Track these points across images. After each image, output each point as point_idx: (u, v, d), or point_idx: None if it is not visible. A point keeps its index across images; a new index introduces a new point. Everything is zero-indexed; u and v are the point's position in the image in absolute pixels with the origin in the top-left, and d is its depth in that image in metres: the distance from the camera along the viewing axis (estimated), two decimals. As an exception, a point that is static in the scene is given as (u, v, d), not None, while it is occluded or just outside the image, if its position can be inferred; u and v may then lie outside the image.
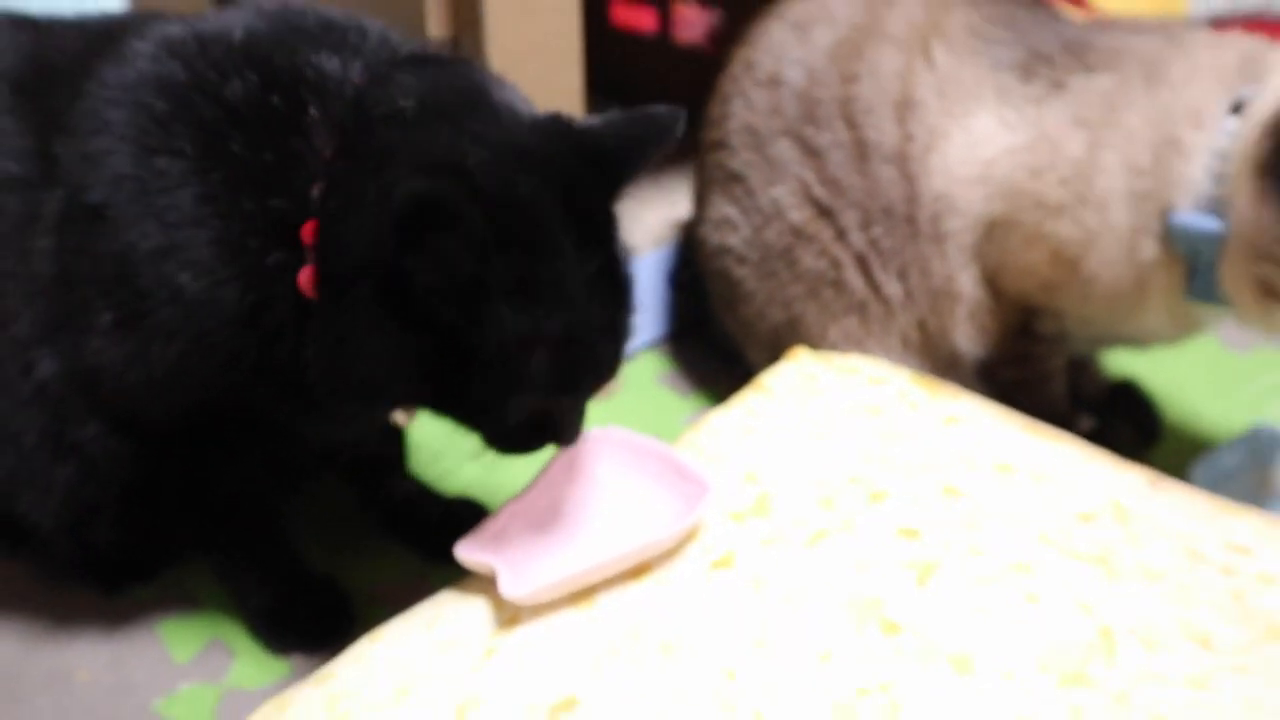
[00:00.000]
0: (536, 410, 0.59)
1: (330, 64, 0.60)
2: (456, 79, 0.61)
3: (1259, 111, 0.74)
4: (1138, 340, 0.85)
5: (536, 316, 0.55)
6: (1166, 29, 0.82)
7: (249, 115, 0.59)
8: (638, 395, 0.99)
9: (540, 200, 0.56)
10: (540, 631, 0.58)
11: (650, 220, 1.11)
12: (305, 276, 0.58)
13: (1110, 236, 0.76)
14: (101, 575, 0.77)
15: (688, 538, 0.63)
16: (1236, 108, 0.76)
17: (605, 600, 0.59)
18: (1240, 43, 0.80)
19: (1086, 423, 0.89)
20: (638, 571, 0.61)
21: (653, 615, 0.58)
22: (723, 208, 0.90)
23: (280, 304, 0.59)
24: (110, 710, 0.69)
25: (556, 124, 0.61)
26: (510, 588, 0.57)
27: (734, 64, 0.91)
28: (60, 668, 0.72)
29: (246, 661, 0.73)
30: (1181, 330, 0.82)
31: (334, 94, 0.59)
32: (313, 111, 0.59)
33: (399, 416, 0.66)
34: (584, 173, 0.59)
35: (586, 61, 1.41)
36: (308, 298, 0.58)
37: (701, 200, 0.94)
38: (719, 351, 0.99)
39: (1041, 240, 0.79)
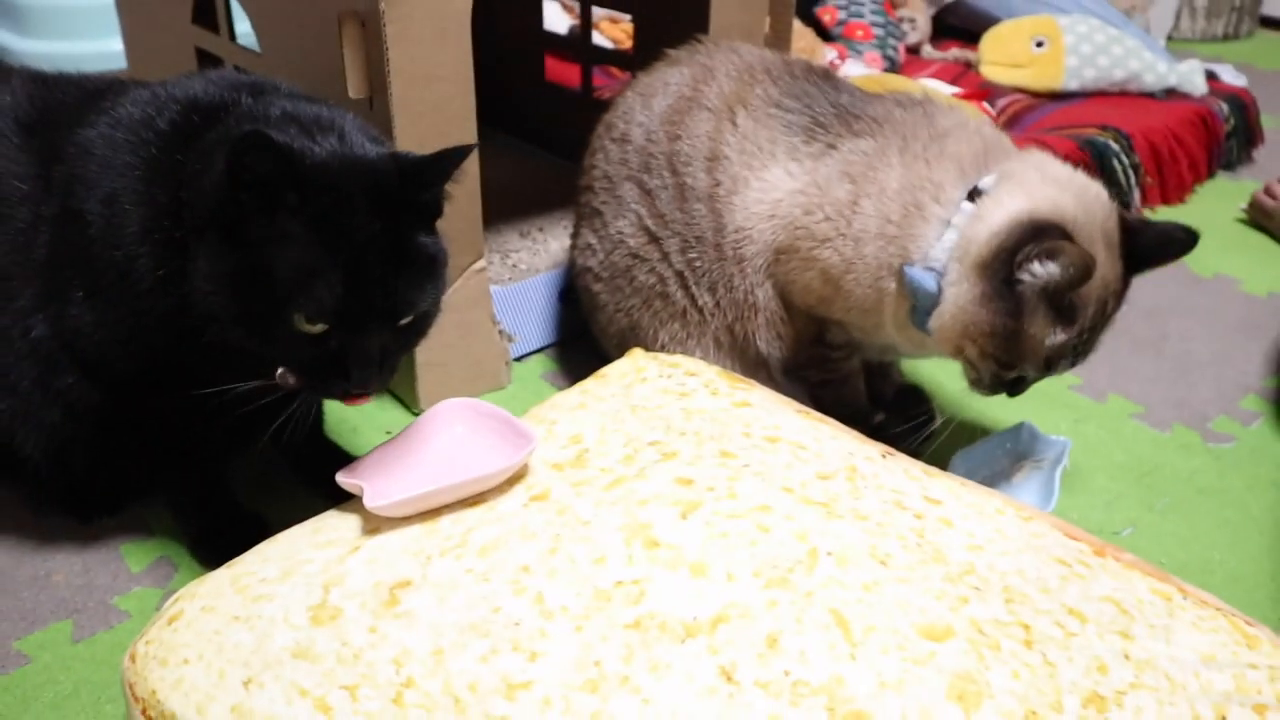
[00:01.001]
0: (327, 348, 0.75)
1: (245, 102, 0.79)
2: (319, 109, 0.80)
3: (990, 212, 0.90)
4: (895, 350, 1.05)
5: (323, 249, 0.72)
6: (925, 106, 0.99)
7: (176, 134, 0.78)
8: (525, 388, 1.18)
9: (347, 181, 0.74)
10: (394, 537, 0.77)
11: (553, 247, 1.31)
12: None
13: (862, 265, 0.95)
14: (77, 506, 0.95)
15: (516, 478, 0.81)
16: (972, 193, 0.92)
17: (446, 518, 0.78)
18: (985, 133, 0.97)
19: (878, 417, 1.09)
20: (474, 501, 0.80)
21: (479, 529, 0.77)
22: (587, 236, 1.10)
23: (183, 268, 0.76)
24: (80, 602, 0.87)
25: (391, 156, 0.79)
26: (371, 500, 0.76)
27: (600, 124, 1.12)
28: (41, 572, 0.90)
29: (186, 573, 0.91)
30: (916, 347, 1.00)
31: (233, 120, 0.78)
32: (218, 130, 0.77)
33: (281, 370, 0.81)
34: (399, 176, 0.76)
35: (521, 111, 1.62)
36: None
37: (575, 231, 1.14)
38: (596, 356, 1.17)
39: (813, 263, 0.97)
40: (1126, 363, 1.27)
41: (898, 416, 1.09)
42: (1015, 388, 0.95)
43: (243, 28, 1.19)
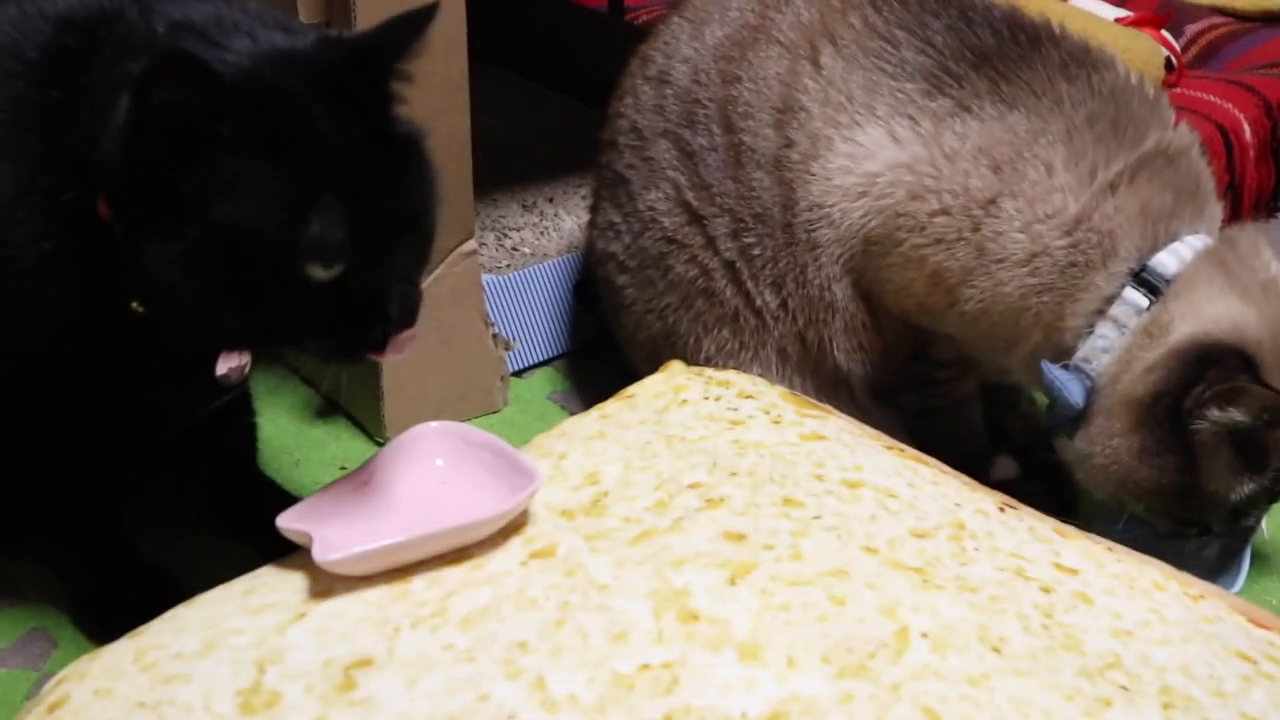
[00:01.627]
0: (349, 291, 0.79)
1: (132, 12, 0.83)
2: (214, 6, 0.83)
3: (1164, 327, 0.96)
4: (1028, 385, 1.09)
5: (297, 176, 0.77)
6: (1103, 76, 1.02)
7: (49, 62, 0.81)
8: (525, 412, 1.23)
9: (285, 85, 0.78)
10: (350, 602, 0.81)
11: (566, 224, 1.36)
12: (102, 206, 0.79)
13: (988, 283, 0.99)
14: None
15: (513, 528, 0.86)
16: (1141, 275, 0.97)
17: (419, 579, 0.83)
18: (1181, 166, 1.00)
19: (1004, 469, 1.12)
20: (458, 556, 0.85)
21: (461, 594, 0.82)
22: (609, 213, 1.14)
23: (86, 245, 0.80)
24: (-73, 688, 0.94)
25: (326, 39, 0.83)
26: (322, 553, 0.80)
27: (634, 58, 1.16)
28: (-126, 647, 0.97)
29: (69, 650, 0.96)
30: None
31: (126, 40, 0.81)
32: (106, 55, 0.81)
33: (225, 366, 0.84)
34: (344, 62, 0.81)
35: (528, 43, 1.67)
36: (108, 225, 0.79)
37: (594, 205, 1.19)
38: (620, 371, 1.21)
39: (920, 263, 1.01)
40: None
41: (1035, 480, 1.12)
42: (1201, 536, 1.01)
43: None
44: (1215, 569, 1.03)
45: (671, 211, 1.09)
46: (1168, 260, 0.98)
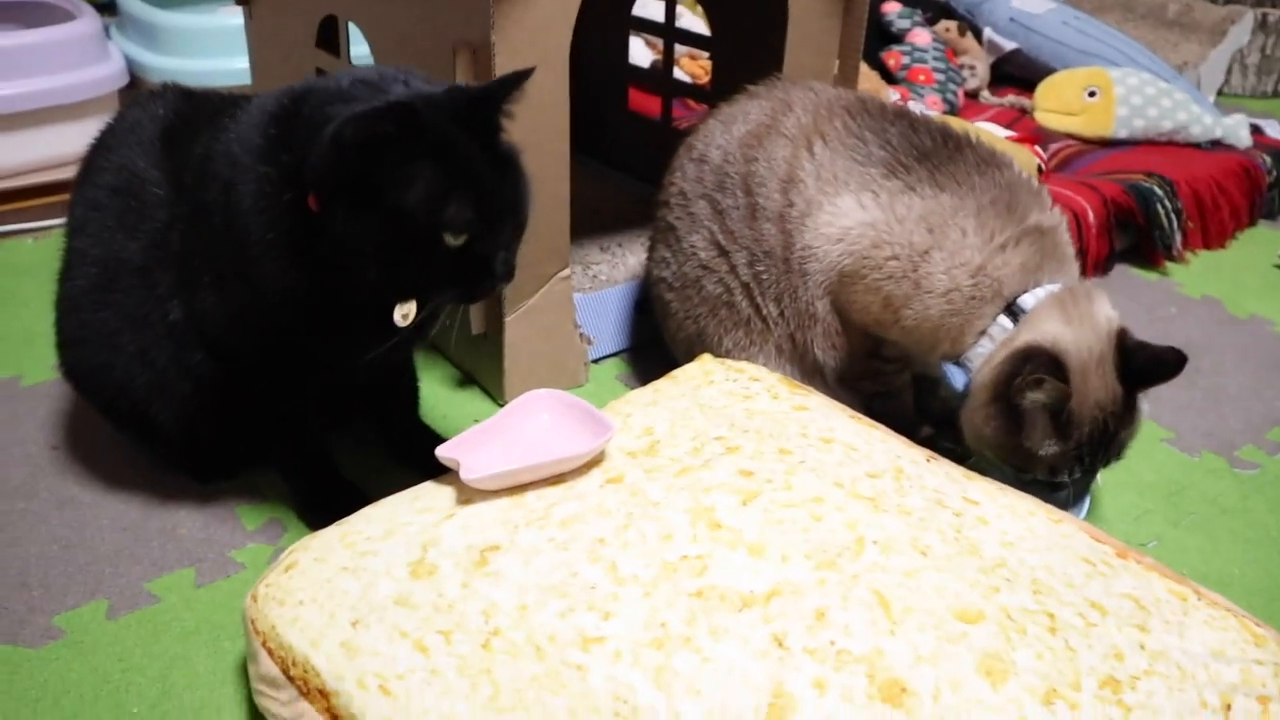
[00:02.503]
0: (470, 255, 0.80)
1: (358, 91, 0.82)
2: (379, 69, 0.85)
3: (1014, 335, 0.97)
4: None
5: (448, 176, 0.78)
6: (1002, 173, 1.02)
7: (271, 114, 0.83)
8: (599, 388, 1.23)
9: (437, 114, 0.78)
10: (485, 507, 0.82)
11: (630, 261, 1.36)
12: (312, 201, 0.79)
13: (921, 308, 0.99)
14: (199, 469, 1.02)
15: (594, 462, 0.87)
16: (1011, 308, 0.98)
17: (531, 494, 0.84)
18: (1053, 238, 1.01)
19: (926, 430, 1.13)
20: (556, 480, 0.85)
21: (560, 505, 0.82)
22: (662, 250, 1.15)
23: (299, 234, 0.80)
24: (201, 553, 0.94)
25: (460, 89, 0.84)
26: (466, 474, 0.82)
27: (680, 145, 1.17)
28: (168, 525, 0.97)
29: (294, 533, 0.97)
30: None
31: (345, 103, 0.81)
32: (330, 110, 0.80)
33: (399, 314, 0.84)
34: (470, 102, 0.81)
35: (606, 138, 1.68)
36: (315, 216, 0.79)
37: (651, 244, 1.20)
38: (666, 361, 1.21)
39: (877, 291, 1.01)
40: (1160, 392, 1.28)
41: (945, 437, 1.13)
42: (1042, 485, 0.99)
43: (358, 50, 1.27)
44: (1065, 505, 1.03)
45: (706, 248, 1.10)
46: (1029, 299, 0.99)
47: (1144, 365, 0.96)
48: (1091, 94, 1.94)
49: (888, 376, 1.09)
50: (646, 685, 0.67)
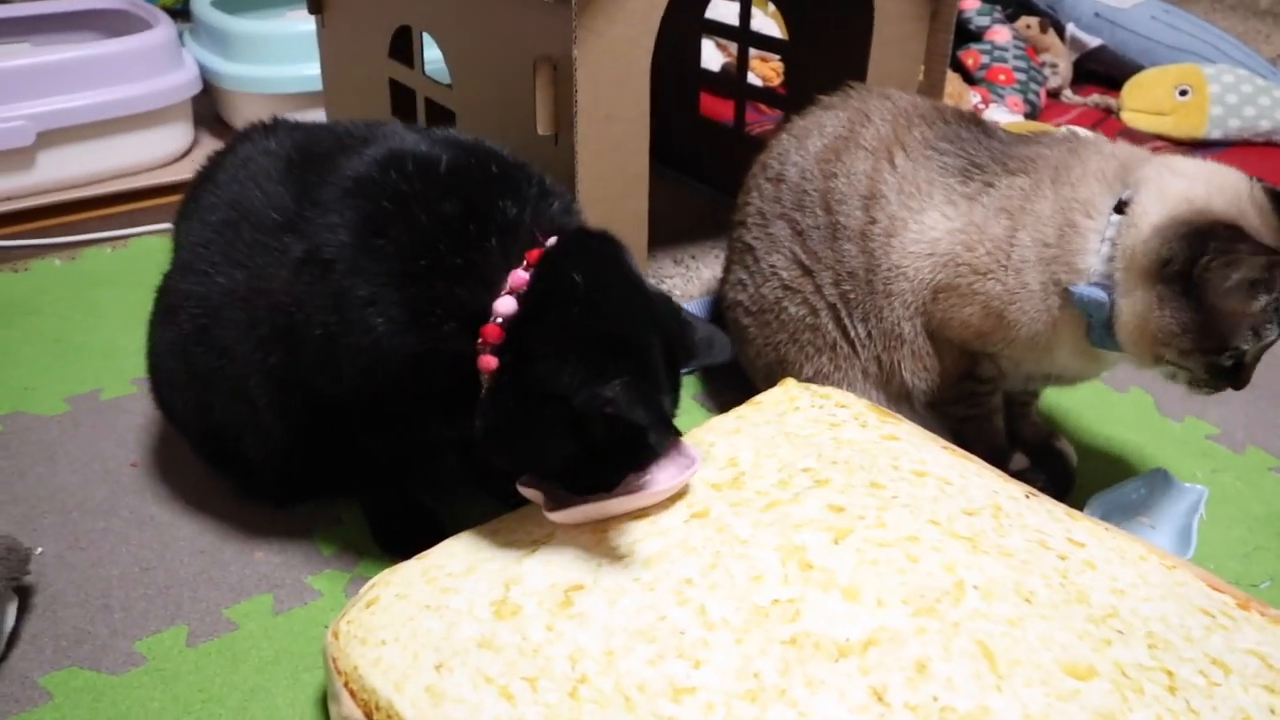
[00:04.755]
0: (616, 479, 0.81)
1: (510, 210, 0.81)
2: (606, 258, 0.83)
3: (1139, 219, 0.90)
4: (1059, 377, 1.03)
5: (657, 438, 0.78)
6: (1069, 142, 0.99)
7: (453, 230, 0.80)
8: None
9: (664, 368, 0.79)
10: (567, 544, 0.80)
11: (704, 274, 1.33)
12: (487, 363, 0.79)
13: (1025, 293, 0.94)
14: (276, 496, 1.01)
15: (678, 496, 0.84)
16: (1119, 206, 0.93)
17: (614, 530, 0.81)
18: (1120, 152, 0.97)
19: (1019, 461, 1.08)
20: (639, 515, 0.82)
21: (644, 542, 0.80)
22: (738, 272, 1.11)
23: (449, 361, 0.79)
24: (279, 578, 0.93)
25: (669, 303, 0.85)
26: (551, 511, 0.80)
27: (755, 164, 1.13)
28: (245, 549, 0.97)
29: (369, 559, 0.96)
30: (1089, 368, 0.99)
31: (509, 234, 0.80)
32: (493, 242, 0.80)
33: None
34: (677, 344, 0.82)
35: (676, 144, 1.65)
36: (480, 370, 0.79)
37: (726, 265, 1.16)
38: (742, 380, 1.18)
39: (974, 297, 0.97)
40: (1266, 414, 1.23)
41: (1040, 472, 1.08)
42: (1238, 375, 0.92)
43: (430, 55, 1.25)
44: (1174, 544, 0.98)
45: (789, 268, 1.06)
46: (1129, 190, 0.93)
47: None
48: (1183, 93, 1.87)
49: (980, 398, 1.05)
50: (741, 742, 0.64)
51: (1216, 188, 0.90)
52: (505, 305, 0.79)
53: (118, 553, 0.97)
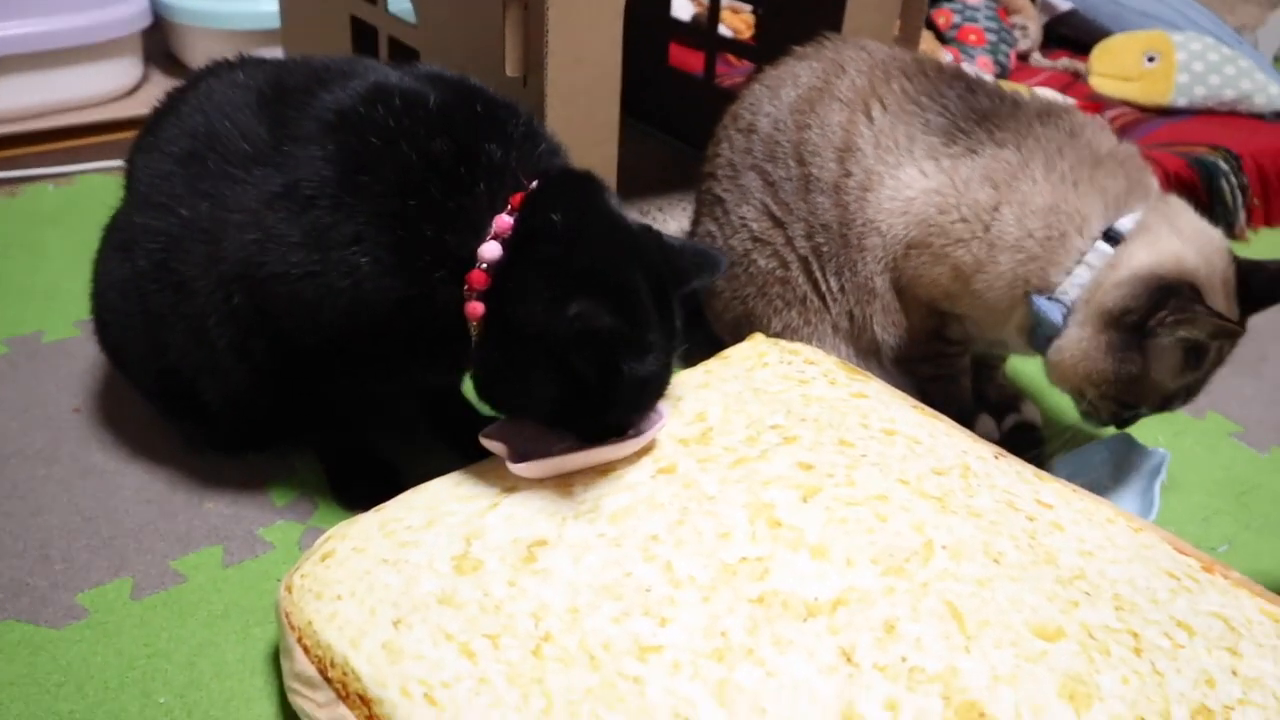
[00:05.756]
0: (616, 420, 0.80)
1: (496, 153, 0.78)
2: (586, 197, 0.80)
3: (1124, 262, 0.90)
4: (1007, 348, 1.03)
5: (646, 369, 0.76)
6: (1065, 119, 0.96)
7: (443, 171, 0.76)
8: (642, 361, 1.19)
9: (648, 297, 0.76)
10: (530, 497, 0.78)
11: (671, 227, 1.30)
12: (474, 310, 0.76)
13: (994, 269, 0.93)
14: (230, 443, 0.98)
15: (645, 451, 0.82)
16: (1109, 234, 0.92)
17: (579, 484, 0.79)
18: (1125, 161, 0.95)
19: (985, 423, 1.07)
20: (605, 469, 0.80)
21: (610, 497, 0.78)
22: (707, 224, 1.09)
23: (435, 305, 0.77)
24: (229, 530, 0.90)
25: (651, 234, 0.81)
26: (514, 464, 0.77)
27: (725, 114, 1.10)
28: (194, 499, 0.93)
29: (325, 511, 0.93)
30: (1030, 352, 0.99)
31: (496, 178, 0.77)
32: (481, 187, 0.77)
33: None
34: (667, 275, 0.80)
35: (644, 95, 1.61)
36: (468, 318, 0.77)
37: (695, 217, 1.13)
38: (708, 336, 1.15)
39: (945, 259, 0.95)
40: (1226, 382, 1.22)
41: (1007, 446, 1.07)
42: (1129, 421, 0.96)
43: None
44: (1137, 506, 0.98)
45: (759, 219, 1.04)
46: (1126, 222, 0.93)
47: (1264, 285, 0.91)
48: (1151, 59, 1.86)
49: (948, 359, 1.03)
50: (708, 701, 0.63)
51: (1205, 258, 0.91)
52: (490, 251, 0.76)
53: (58, 501, 0.93)
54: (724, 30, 1.84)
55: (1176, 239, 0.91)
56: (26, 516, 0.91)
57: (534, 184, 0.79)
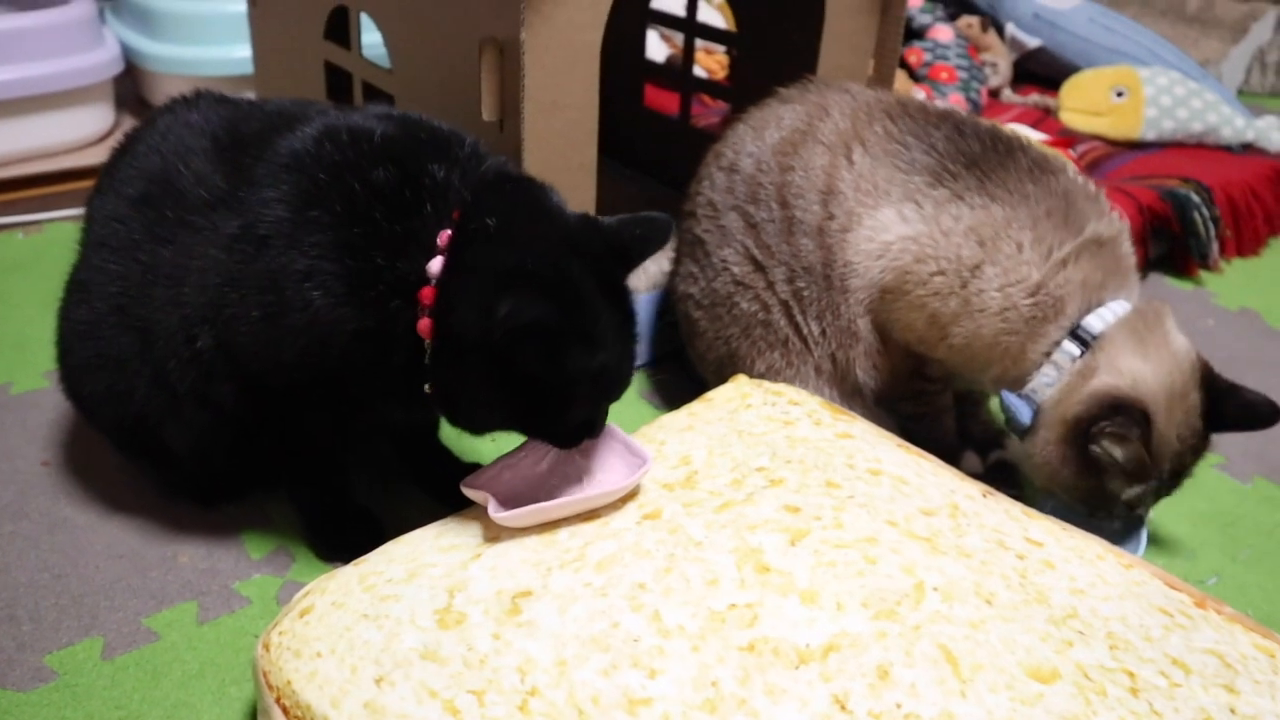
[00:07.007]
0: (582, 418, 0.79)
1: (440, 174, 0.77)
2: (522, 197, 0.79)
3: (1089, 374, 0.92)
4: (992, 393, 1.03)
5: (592, 359, 0.75)
6: (1057, 179, 0.96)
7: (388, 197, 0.76)
8: (622, 405, 1.14)
9: (586, 280, 0.75)
10: (514, 547, 0.76)
11: (651, 270, 1.29)
12: (424, 326, 0.75)
13: (972, 325, 0.94)
14: (203, 493, 0.96)
15: (630, 496, 0.80)
16: (1076, 331, 0.93)
17: (563, 531, 0.77)
18: (1117, 252, 0.95)
19: (970, 460, 1.07)
20: (590, 516, 0.79)
21: (595, 544, 0.76)
22: (688, 265, 1.08)
23: (395, 334, 0.76)
24: (204, 585, 0.88)
25: (590, 223, 0.80)
26: (496, 513, 0.76)
27: (708, 153, 1.10)
28: (168, 553, 0.91)
29: (303, 563, 0.91)
30: None
31: (441, 197, 0.77)
32: (428, 208, 0.76)
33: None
34: (610, 258, 0.79)
35: (620, 136, 1.61)
36: (423, 337, 0.76)
37: (676, 258, 1.12)
38: (690, 376, 1.16)
39: (921, 308, 0.95)
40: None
41: (990, 482, 1.07)
42: (1113, 515, 0.97)
43: (368, 39, 1.20)
44: (1125, 542, 0.97)
45: (740, 262, 1.04)
46: (1095, 322, 0.93)
47: (1236, 413, 0.92)
48: (1119, 94, 1.88)
49: (930, 397, 1.03)
50: (700, 755, 0.61)
51: (1167, 382, 0.91)
52: (435, 265, 0.76)
53: (26, 558, 0.90)
54: (698, 71, 1.85)
55: (1139, 358, 0.91)
56: (-7, 575, 0.89)
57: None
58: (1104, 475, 0.92)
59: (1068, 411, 0.92)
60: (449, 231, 0.76)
